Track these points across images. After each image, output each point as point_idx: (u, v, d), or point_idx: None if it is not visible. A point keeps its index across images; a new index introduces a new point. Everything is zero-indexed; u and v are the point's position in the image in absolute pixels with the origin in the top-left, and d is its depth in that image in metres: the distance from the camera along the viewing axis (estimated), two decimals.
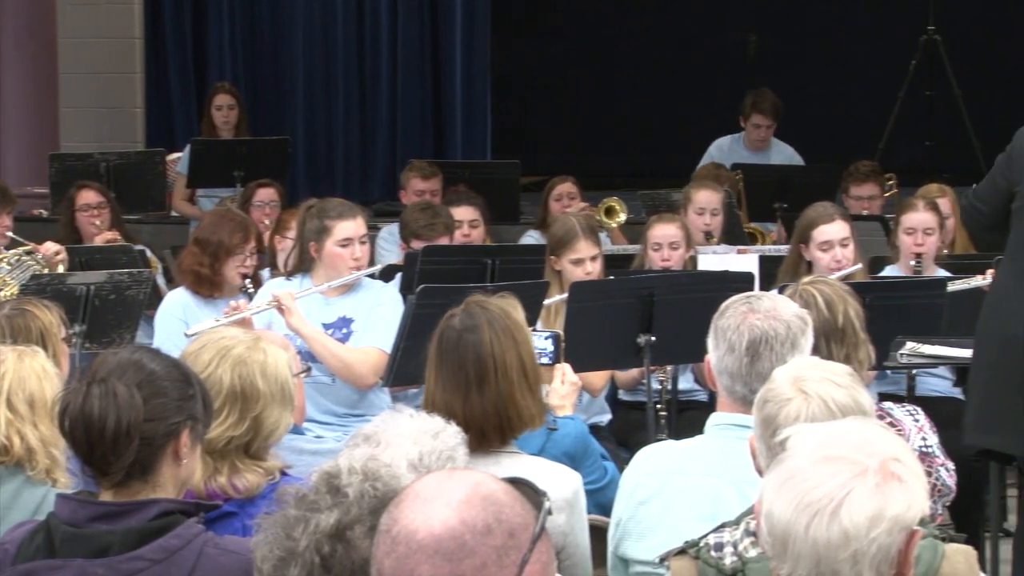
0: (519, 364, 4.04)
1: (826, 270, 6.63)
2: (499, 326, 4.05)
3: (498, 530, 2.15)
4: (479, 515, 2.15)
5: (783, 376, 3.21)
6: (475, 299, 4.13)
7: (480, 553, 2.13)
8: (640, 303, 6.17)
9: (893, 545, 2.32)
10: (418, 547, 2.14)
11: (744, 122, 10.63)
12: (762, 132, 10.58)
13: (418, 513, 2.16)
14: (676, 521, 3.65)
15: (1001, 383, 5.40)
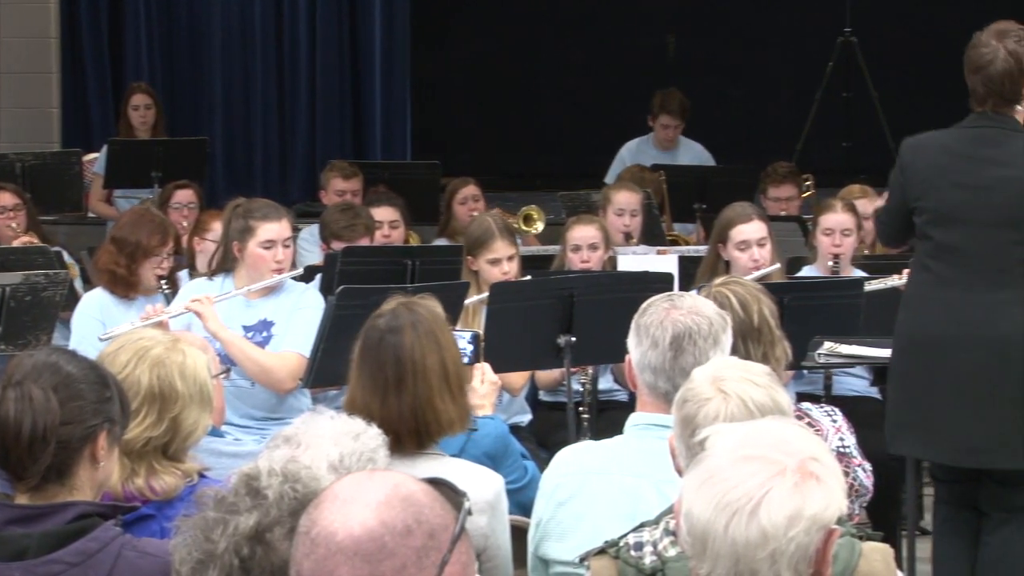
0: (440, 368, 4.01)
1: (744, 270, 6.66)
2: (423, 329, 4.02)
3: (418, 531, 2.14)
4: (399, 516, 2.14)
5: (702, 376, 3.22)
6: (405, 300, 4.10)
7: (400, 554, 2.13)
8: (560, 303, 6.18)
9: (811, 544, 2.33)
10: (337, 548, 2.13)
11: (652, 122, 10.70)
12: (670, 132, 10.65)
13: (337, 514, 2.15)
14: (596, 521, 3.66)
15: (927, 389, 5.42)
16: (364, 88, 12.45)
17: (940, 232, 5.42)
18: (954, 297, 5.39)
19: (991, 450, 5.36)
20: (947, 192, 5.41)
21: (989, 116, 5.42)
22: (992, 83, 5.39)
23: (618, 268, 7.34)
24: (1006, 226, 5.36)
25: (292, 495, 2.48)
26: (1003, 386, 5.33)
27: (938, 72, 6.06)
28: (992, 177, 5.38)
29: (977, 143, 5.43)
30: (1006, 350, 5.33)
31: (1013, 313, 5.35)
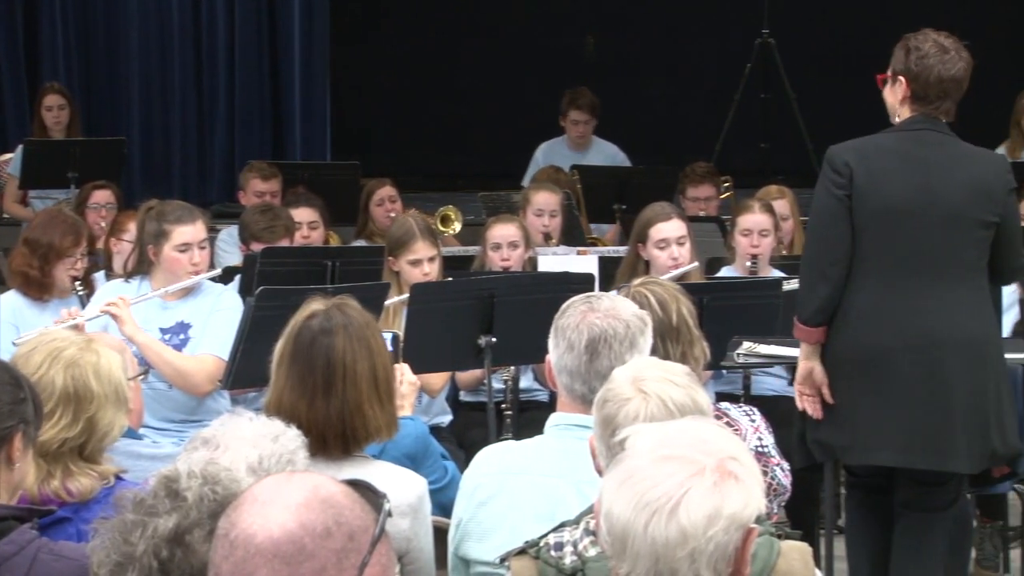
0: (371, 374, 3.98)
1: (663, 268, 6.70)
2: (356, 333, 3.98)
3: (337, 533, 2.13)
4: (318, 518, 2.13)
5: (622, 376, 3.23)
6: (336, 302, 4.06)
7: (319, 556, 2.12)
8: (480, 304, 6.18)
9: (730, 543, 2.34)
10: (256, 551, 2.12)
11: (563, 120, 10.72)
12: (580, 128, 10.67)
13: (256, 516, 2.14)
14: (516, 521, 3.66)
15: (883, 398, 5.41)
16: (283, 88, 12.40)
17: (887, 234, 5.39)
18: (902, 301, 5.39)
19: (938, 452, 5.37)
20: (895, 191, 5.40)
21: (930, 120, 5.44)
22: (958, 88, 5.43)
23: (538, 268, 7.35)
24: (952, 227, 5.38)
25: (212, 497, 2.47)
26: (951, 391, 5.35)
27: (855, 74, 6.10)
28: (938, 178, 5.40)
29: (921, 145, 5.44)
30: (956, 355, 5.35)
31: (961, 317, 5.38)
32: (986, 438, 5.38)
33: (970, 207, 5.38)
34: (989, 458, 5.45)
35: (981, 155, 5.54)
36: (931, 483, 5.50)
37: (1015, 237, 5.50)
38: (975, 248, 5.40)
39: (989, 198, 5.40)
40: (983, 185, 5.40)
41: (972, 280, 5.40)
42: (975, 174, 5.42)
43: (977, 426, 5.37)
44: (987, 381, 5.38)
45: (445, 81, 13.51)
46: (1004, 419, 5.44)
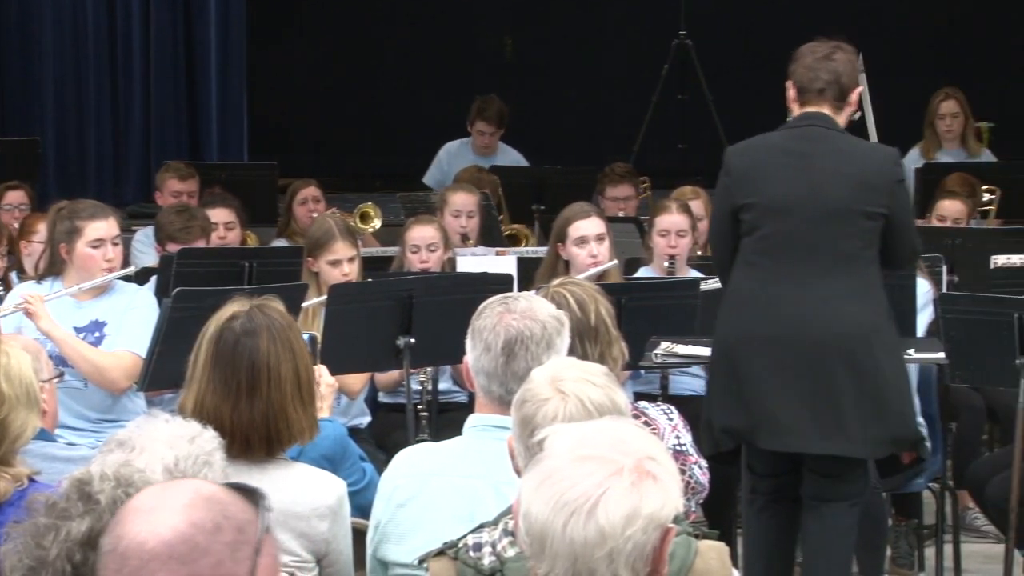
0: (294, 376, 3.96)
1: (583, 266, 6.72)
2: (279, 335, 3.96)
3: (227, 526, 2.15)
4: (206, 515, 2.15)
5: (541, 376, 3.23)
6: (259, 303, 4.03)
7: (214, 551, 2.13)
8: (399, 305, 6.17)
9: (648, 542, 2.35)
10: (151, 556, 2.12)
11: (470, 128, 10.73)
12: (486, 139, 10.69)
13: (143, 525, 2.14)
14: (435, 523, 3.65)
15: (779, 385, 5.50)
16: (200, 88, 12.32)
17: (770, 226, 5.53)
18: (784, 292, 5.52)
19: (829, 437, 5.47)
20: (778, 185, 5.54)
21: (815, 116, 5.60)
22: (837, 81, 5.59)
23: (457, 269, 7.35)
24: (835, 219, 5.49)
25: (125, 499, 2.45)
26: (836, 378, 5.45)
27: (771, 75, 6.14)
28: (821, 171, 5.52)
29: (805, 140, 5.60)
30: (838, 344, 5.45)
31: (844, 307, 5.48)
32: (884, 424, 5.48)
33: (854, 200, 5.50)
34: (891, 444, 5.54)
35: (867, 148, 5.69)
36: (834, 475, 5.57)
37: (907, 226, 5.64)
38: (860, 239, 5.51)
39: (874, 190, 5.51)
40: (867, 177, 5.52)
41: (858, 270, 5.53)
42: (859, 167, 5.54)
43: (871, 412, 5.46)
44: (879, 369, 5.47)
45: (363, 81, 13.48)
46: (904, 406, 5.54)
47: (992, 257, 7.44)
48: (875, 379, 5.46)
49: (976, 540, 7.35)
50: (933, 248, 7.42)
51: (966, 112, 10.31)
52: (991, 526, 6.98)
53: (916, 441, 5.62)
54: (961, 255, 7.73)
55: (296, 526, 3.92)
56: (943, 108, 10.29)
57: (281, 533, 3.90)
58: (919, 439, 5.62)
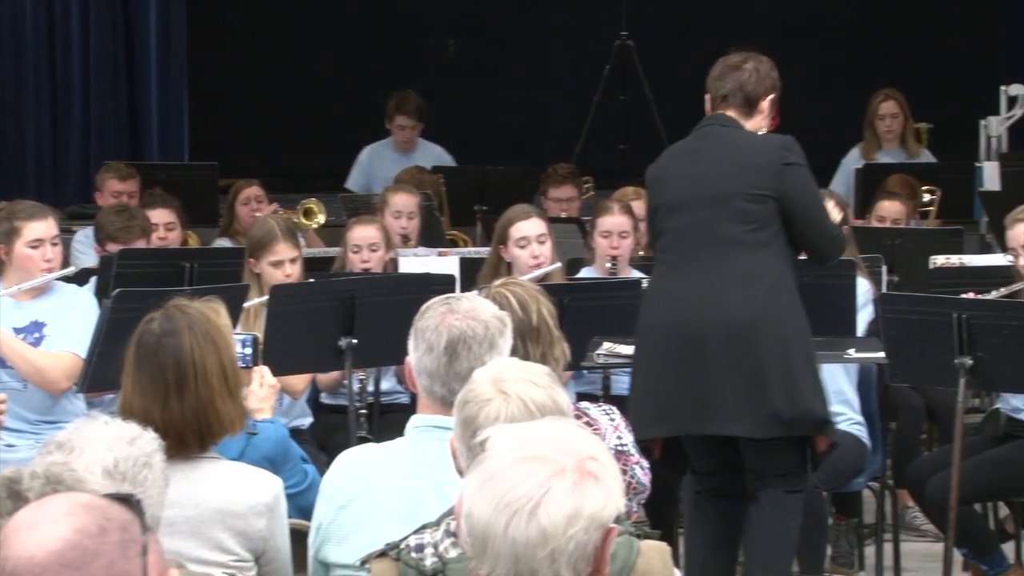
0: (219, 369, 3.99)
1: (525, 268, 6.73)
2: (199, 331, 3.99)
3: (111, 528, 2.18)
4: (88, 520, 2.18)
5: (482, 377, 3.23)
6: (175, 303, 4.06)
7: (104, 552, 2.16)
8: (341, 305, 6.16)
9: (590, 543, 2.35)
10: (43, 568, 2.14)
11: (389, 124, 10.73)
12: (407, 133, 10.68)
13: (27, 541, 2.16)
14: (377, 524, 3.65)
15: (665, 372, 5.65)
16: (140, 88, 12.25)
17: (670, 223, 5.75)
18: (677, 282, 5.70)
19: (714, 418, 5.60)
20: (674, 185, 5.78)
21: (716, 117, 5.81)
22: (743, 87, 5.78)
23: (399, 270, 7.34)
24: (717, 205, 5.66)
25: None
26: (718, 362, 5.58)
27: None
28: (707, 163, 5.73)
29: (701, 139, 5.83)
30: (721, 329, 5.58)
31: (728, 293, 5.61)
32: (770, 406, 5.55)
33: (735, 184, 5.66)
34: (777, 424, 5.59)
35: (756, 137, 5.81)
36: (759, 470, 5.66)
37: (810, 211, 5.73)
38: (745, 223, 5.64)
39: (757, 172, 5.66)
40: (750, 161, 5.70)
41: (746, 255, 5.66)
42: (744, 153, 5.72)
43: (755, 394, 5.55)
44: (765, 352, 5.56)
45: (305, 82, 13.44)
46: (793, 387, 5.58)
47: (931, 257, 7.49)
48: (757, 361, 5.56)
49: (916, 539, 7.40)
50: (873, 248, 7.47)
51: (906, 113, 10.37)
52: (930, 525, 7.03)
53: (818, 424, 5.66)
54: (901, 255, 7.78)
55: (234, 524, 3.91)
56: (883, 109, 10.34)
57: (219, 531, 3.90)
58: (823, 422, 5.67)
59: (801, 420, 5.62)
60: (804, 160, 5.75)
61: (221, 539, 3.90)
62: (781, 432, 5.63)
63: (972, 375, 6.07)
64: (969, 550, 6.59)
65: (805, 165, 5.75)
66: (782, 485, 5.69)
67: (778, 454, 5.68)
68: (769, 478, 5.70)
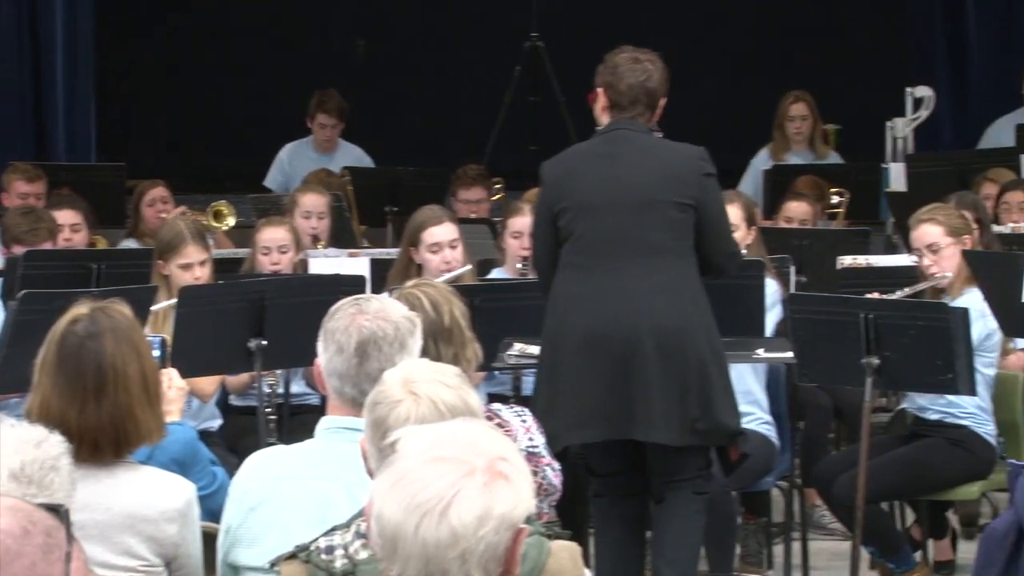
0: (141, 377, 3.93)
1: (436, 272, 6.72)
2: (123, 336, 3.93)
3: (35, 531, 2.19)
4: (12, 522, 2.18)
5: (393, 378, 3.23)
6: (100, 305, 4.00)
7: (26, 553, 2.17)
8: (251, 307, 6.13)
9: (501, 543, 2.35)
10: None
11: (310, 123, 10.70)
12: (328, 132, 10.66)
13: None
14: (287, 526, 3.63)
15: (586, 380, 5.64)
16: (46, 88, 12.13)
17: (584, 225, 5.72)
18: (599, 288, 5.69)
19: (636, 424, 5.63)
20: (588, 187, 5.75)
21: (623, 121, 5.82)
22: (652, 93, 5.81)
23: (309, 271, 7.31)
24: (644, 211, 5.69)
25: None
26: (646, 369, 5.60)
27: None
28: (627, 167, 5.74)
29: (612, 143, 5.82)
30: (650, 336, 5.60)
31: (656, 300, 5.64)
32: (684, 412, 5.61)
33: (660, 191, 5.70)
34: (697, 434, 5.65)
35: (674, 145, 5.87)
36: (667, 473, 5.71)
37: (718, 223, 5.78)
38: (671, 231, 5.69)
39: (680, 181, 5.71)
40: (672, 170, 5.73)
41: (671, 263, 5.71)
42: (665, 160, 5.76)
43: (676, 401, 5.60)
44: (688, 360, 5.61)
45: (215, 82, 13.36)
46: (710, 397, 5.64)
47: (839, 258, 7.56)
48: (682, 370, 5.61)
49: (824, 537, 7.46)
50: (781, 249, 7.52)
51: (815, 115, 10.45)
52: (838, 524, 7.09)
53: (732, 435, 5.72)
54: (809, 256, 7.84)
55: (144, 529, 3.88)
56: (793, 111, 10.42)
57: (129, 537, 3.87)
58: (735, 433, 5.73)
59: (715, 431, 5.68)
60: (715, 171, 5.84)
61: (131, 544, 3.87)
62: (696, 441, 5.69)
63: (879, 375, 6.13)
64: (876, 549, 6.66)
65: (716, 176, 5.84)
66: (689, 487, 5.75)
67: (686, 459, 5.72)
68: (676, 481, 5.74)
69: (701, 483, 5.78)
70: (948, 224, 6.71)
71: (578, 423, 5.65)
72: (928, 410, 6.63)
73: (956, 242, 6.67)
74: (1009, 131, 10.09)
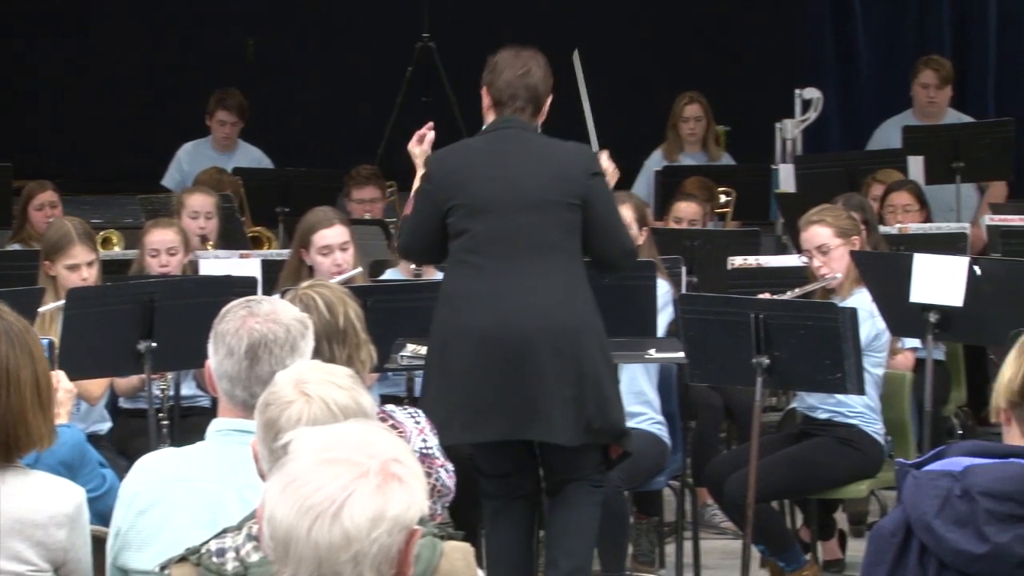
0: (34, 382, 3.86)
1: (327, 274, 6.69)
2: (17, 340, 3.86)
3: None
4: None
5: (285, 379, 3.21)
6: None
7: None
8: (140, 308, 6.09)
9: (394, 545, 2.35)
10: None
11: (209, 121, 10.63)
12: (227, 129, 10.59)
13: None
14: (177, 529, 3.60)
15: (482, 379, 5.64)
16: None
17: (476, 224, 5.73)
18: (493, 286, 5.71)
19: (534, 424, 5.66)
20: (480, 185, 5.76)
21: (511, 120, 5.83)
22: (534, 90, 5.82)
23: (200, 272, 7.26)
24: (536, 211, 5.71)
25: None
26: (541, 368, 5.62)
27: None
28: (519, 167, 5.76)
29: (504, 141, 5.84)
30: (545, 335, 5.63)
31: (551, 299, 5.67)
32: (581, 411, 5.64)
33: (552, 191, 5.72)
34: (589, 433, 5.69)
35: (562, 144, 5.88)
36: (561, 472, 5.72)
37: (609, 221, 5.80)
38: (561, 230, 5.72)
39: (569, 181, 5.74)
40: (561, 169, 5.76)
41: (563, 262, 5.74)
42: (554, 161, 5.78)
43: (572, 401, 5.63)
44: (582, 360, 5.65)
45: (103, 81, 13.24)
46: (602, 396, 5.67)
47: (729, 258, 7.61)
48: (578, 370, 5.64)
49: (715, 536, 7.51)
50: (672, 250, 7.57)
51: (708, 116, 10.52)
52: (729, 522, 7.14)
53: (619, 434, 5.76)
54: (700, 256, 7.90)
55: (32, 534, 3.83)
56: (687, 112, 10.48)
57: (17, 542, 3.82)
58: (623, 433, 5.77)
59: (607, 430, 5.72)
60: None
61: (18, 549, 3.82)
62: (590, 440, 5.72)
63: (769, 374, 6.18)
64: (766, 547, 6.71)
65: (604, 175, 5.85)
66: (585, 483, 5.78)
67: (582, 457, 5.74)
68: (573, 480, 5.76)
69: (596, 478, 5.82)
70: (837, 225, 6.78)
71: (474, 422, 5.65)
72: (818, 409, 6.70)
73: (845, 243, 6.74)
74: (896, 133, 10.21)
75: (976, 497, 3.34)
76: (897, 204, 8.57)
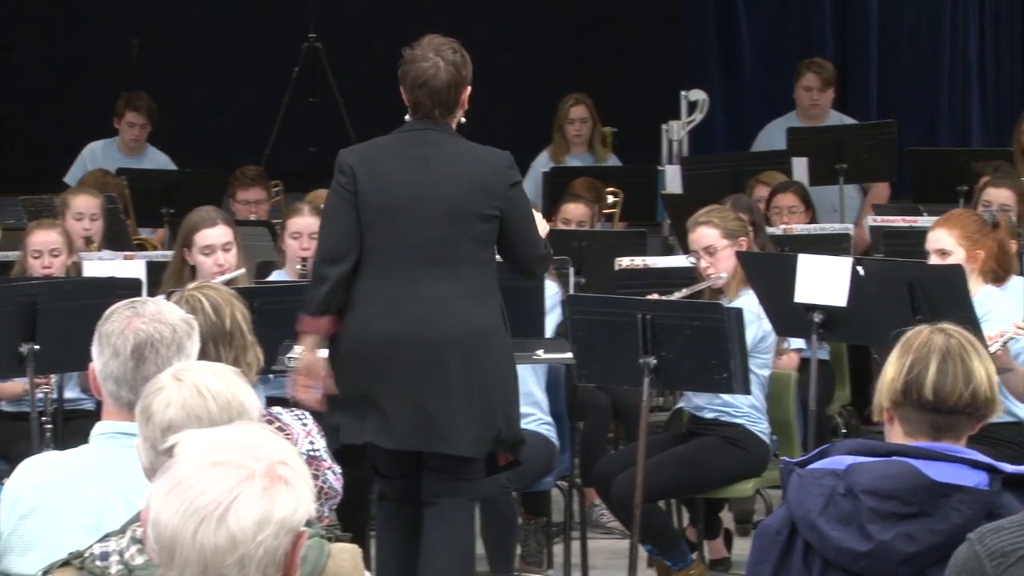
0: None
1: (209, 275, 6.64)
2: None
3: None
4: None
5: (165, 372, 3.21)
6: None
7: None
8: (22, 310, 6.02)
9: (280, 547, 2.34)
10: None
11: (118, 123, 10.52)
12: (136, 132, 10.49)
13: None
14: (61, 533, 3.57)
15: (387, 385, 5.60)
16: None
17: (388, 229, 5.65)
18: (401, 291, 5.65)
19: (440, 436, 5.61)
20: (393, 189, 5.67)
21: (427, 121, 5.72)
22: (438, 94, 5.69)
23: (84, 274, 7.19)
24: (452, 220, 5.64)
25: None
26: (449, 378, 5.59)
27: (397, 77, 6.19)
28: (438, 172, 5.67)
29: (419, 145, 5.72)
30: (454, 344, 5.60)
31: (461, 308, 5.63)
32: (491, 423, 5.63)
33: (469, 202, 5.65)
34: (493, 443, 5.68)
35: (483, 152, 5.78)
36: (453, 472, 5.70)
37: (526, 229, 5.76)
38: (476, 241, 5.67)
39: (488, 192, 5.67)
40: (481, 180, 5.68)
41: (475, 272, 5.69)
42: (475, 170, 5.69)
43: (481, 412, 5.61)
44: (492, 370, 5.64)
45: None
46: (510, 407, 5.70)
47: (617, 259, 7.65)
48: (486, 380, 5.63)
49: (602, 536, 7.55)
50: (560, 251, 7.59)
51: (594, 117, 10.56)
52: (617, 522, 7.17)
53: (515, 444, 5.76)
54: (587, 257, 7.93)
55: None
56: (573, 113, 10.51)
57: None
58: (519, 442, 5.77)
59: (509, 440, 5.70)
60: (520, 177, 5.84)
61: None
62: (492, 449, 5.70)
63: (656, 374, 6.22)
64: (653, 546, 6.75)
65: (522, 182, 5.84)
66: (465, 493, 5.74)
67: (469, 465, 5.71)
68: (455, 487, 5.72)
69: (475, 488, 5.77)
70: (724, 226, 6.83)
71: (381, 428, 5.60)
72: (704, 409, 6.74)
73: (732, 244, 6.79)
74: (780, 134, 10.31)
75: (859, 495, 3.38)
76: (783, 206, 8.66)
